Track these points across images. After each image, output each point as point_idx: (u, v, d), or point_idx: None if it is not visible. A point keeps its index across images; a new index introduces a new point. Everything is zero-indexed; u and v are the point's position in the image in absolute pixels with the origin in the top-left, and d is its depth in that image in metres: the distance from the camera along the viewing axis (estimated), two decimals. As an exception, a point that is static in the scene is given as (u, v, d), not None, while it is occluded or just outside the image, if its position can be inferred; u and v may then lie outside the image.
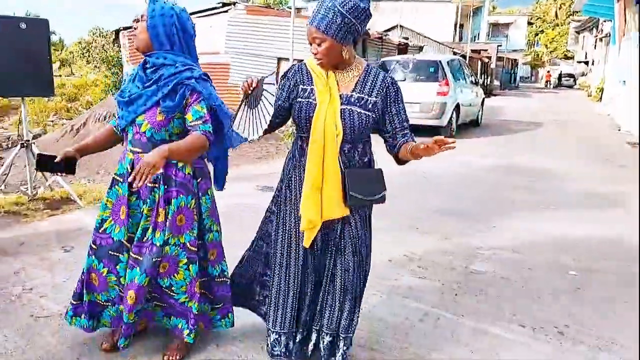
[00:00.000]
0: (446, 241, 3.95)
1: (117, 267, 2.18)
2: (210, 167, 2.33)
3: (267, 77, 1.96)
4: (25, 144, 4.67)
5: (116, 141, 2.32)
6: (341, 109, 1.96)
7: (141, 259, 2.11)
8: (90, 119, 8.10)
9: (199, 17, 11.40)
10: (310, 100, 2.00)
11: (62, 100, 11.21)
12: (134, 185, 1.82)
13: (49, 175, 4.82)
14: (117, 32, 12.65)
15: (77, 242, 3.67)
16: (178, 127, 2.07)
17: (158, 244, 2.08)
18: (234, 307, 2.39)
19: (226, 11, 10.88)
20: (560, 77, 42.11)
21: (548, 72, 45.05)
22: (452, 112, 9.68)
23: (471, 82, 11.43)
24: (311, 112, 1.98)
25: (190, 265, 2.17)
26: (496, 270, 3.39)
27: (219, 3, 10.99)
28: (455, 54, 22.64)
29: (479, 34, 32.73)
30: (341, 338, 2.15)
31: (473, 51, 26.82)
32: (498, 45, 30.07)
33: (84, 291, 2.25)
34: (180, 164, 2.10)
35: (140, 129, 2.06)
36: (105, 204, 2.19)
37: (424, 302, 2.89)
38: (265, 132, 2.01)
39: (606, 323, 2.73)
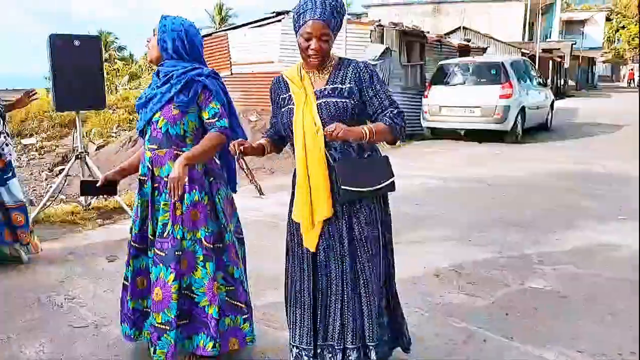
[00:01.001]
0: (501, 254, 3.70)
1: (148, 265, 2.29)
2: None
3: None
4: (80, 156, 4.92)
5: None
6: (317, 104, 1.94)
7: (164, 254, 2.17)
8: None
9: (252, 27, 11.61)
10: (290, 106, 2.00)
11: (125, 112, 11.88)
12: (173, 199, 2.05)
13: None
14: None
15: (121, 253, 3.79)
16: (193, 121, 2.19)
17: (178, 237, 2.17)
18: None
19: (279, 20, 11.01)
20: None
21: (631, 70, 41.93)
22: (517, 116, 9.18)
23: (538, 83, 10.82)
24: (292, 117, 1.97)
25: (207, 263, 2.20)
26: (554, 288, 3.12)
27: (272, 13, 11.15)
28: (524, 54, 21.63)
29: (550, 33, 31.02)
30: (371, 348, 2.02)
31: (544, 50, 25.50)
32: (572, 44, 28.30)
33: (128, 298, 2.33)
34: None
35: (157, 125, 2.19)
36: (140, 205, 2.31)
37: (471, 322, 2.70)
38: (281, 149, 2.18)
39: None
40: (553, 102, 11.66)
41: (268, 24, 11.26)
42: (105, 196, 2.45)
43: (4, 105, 3.61)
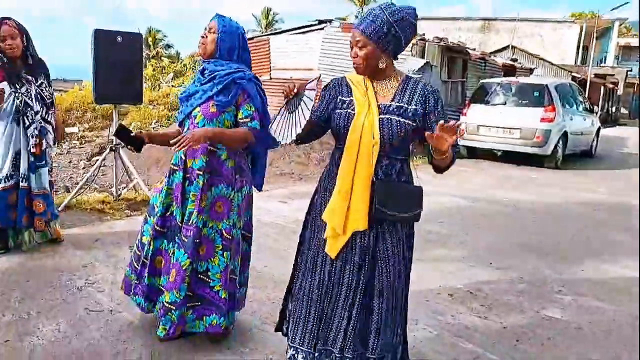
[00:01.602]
0: (521, 280, 3.60)
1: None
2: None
3: (309, 82, 2.00)
4: (114, 148, 5.09)
5: None
6: (380, 118, 1.93)
7: (186, 240, 2.32)
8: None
9: (295, 34, 11.76)
10: (349, 110, 2.00)
11: (165, 109, 12.20)
12: (174, 148, 2.16)
13: (133, 177, 5.23)
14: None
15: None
16: (229, 120, 2.32)
17: (200, 226, 2.33)
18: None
19: (322, 29, 11.11)
20: None
21: None
22: (559, 141, 8.92)
23: (584, 109, 10.47)
24: (349, 122, 1.98)
25: (225, 252, 2.37)
26: (571, 319, 3.01)
27: (315, 20, 11.27)
28: (574, 78, 21.05)
29: (605, 57, 30.05)
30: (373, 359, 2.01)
31: (597, 75, 24.74)
32: (627, 70, 27.29)
33: (145, 274, 2.47)
34: (224, 157, 2.34)
35: (195, 120, 2.32)
36: (167, 191, 2.44)
37: (478, 345, 2.64)
38: (301, 141, 2.10)
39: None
40: (599, 129, 11.27)
41: (310, 31, 11.40)
42: (131, 148, 2.56)
43: (52, 94, 3.74)
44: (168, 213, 2.43)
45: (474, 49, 14.14)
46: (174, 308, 2.35)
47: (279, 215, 5.02)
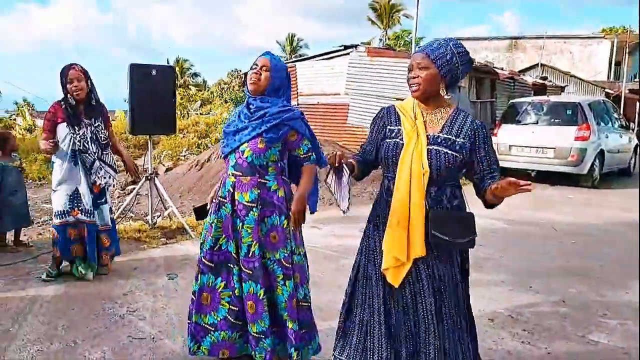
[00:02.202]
0: (564, 304, 3.51)
1: (233, 278, 2.44)
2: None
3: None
4: (149, 177, 5.24)
5: None
6: (428, 149, 1.97)
7: (252, 272, 2.38)
8: (214, 154, 8.84)
9: (321, 60, 11.94)
10: (397, 140, 2.04)
11: (194, 136, 12.48)
12: (295, 230, 2.40)
13: (168, 205, 5.36)
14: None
15: (181, 271, 3.99)
16: (274, 154, 2.38)
17: (259, 256, 2.38)
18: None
19: (348, 53, 11.26)
20: None
21: None
22: (595, 159, 8.72)
23: (620, 126, 10.23)
24: (398, 152, 2.01)
25: (287, 281, 2.40)
26: (618, 344, 2.91)
27: (341, 46, 11.44)
28: (608, 94, 20.61)
29: (639, 72, 29.34)
30: None
31: (632, 91, 24.12)
32: (663, 85, 26.55)
33: (193, 312, 2.51)
34: (274, 187, 2.40)
35: (243, 155, 2.38)
36: (216, 225, 2.47)
37: (522, 372, 2.59)
38: (361, 177, 2.21)
39: None
40: (637, 146, 10.95)
41: (336, 56, 11.57)
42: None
43: (107, 137, 3.92)
44: (217, 247, 2.46)
45: (502, 69, 14.07)
46: (264, 337, 2.39)
47: (311, 240, 5.03)
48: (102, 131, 3.83)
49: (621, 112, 20.18)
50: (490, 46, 28.21)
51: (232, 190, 2.41)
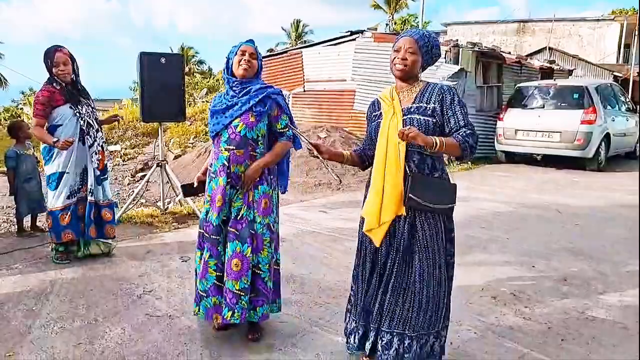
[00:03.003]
0: (565, 282, 3.61)
1: (218, 248, 2.62)
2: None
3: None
4: (160, 164, 5.36)
5: None
6: (403, 120, 2.20)
7: (239, 232, 2.56)
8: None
9: (326, 46, 11.91)
10: (379, 120, 2.31)
11: (202, 124, 12.55)
12: (243, 190, 2.56)
13: (179, 191, 5.48)
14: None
15: (193, 254, 4.11)
16: (263, 128, 2.61)
17: (250, 219, 2.59)
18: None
19: (354, 39, 11.23)
20: None
21: None
22: (601, 143, 8.74)
23: (627, 109, 10.21)
24: (379, 129, 2.28)
25: (272, 244, 2.66)
26: (616, 318, 3.02)
27: (347, 31, 11.40)
28: (616, 77, 20.40)
29: (648, 55, 28.96)
30: (409, 336, 2.21)
31: (640, 74, 23.84)
32: (673, 67, 26.23)
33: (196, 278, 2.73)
34: None
35: (236, 129, 2.57)
36: (206, 198, 2.69)
37: (523, 344, 2.70)
38: (370, 164, 2.42)
39: None
40: (644, 129, 10.93)
41: (342, 42, 11.54)
42: (200, 195, 2.92)
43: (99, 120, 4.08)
44: (206, 220, 2.66)
45: (509, 53, 13.98)
46: (244, 294, 2.56)
47: (319, 224, 5.17)
48: (95, 111, 4.00)
49: (630, 95, 20.06)
50: (498, 30, 27.90)
51: (227, 164, 2.58)
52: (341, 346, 2.62)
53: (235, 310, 2.55)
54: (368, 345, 2.33)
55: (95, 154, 3.90)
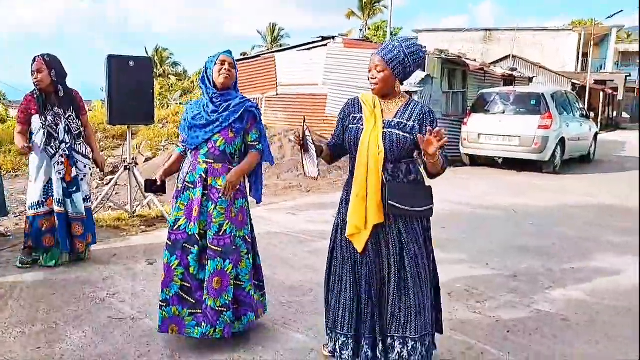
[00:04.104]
0: (515, 279, 3.82)
1: (188, 257, 2.64)
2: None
3: (306, 129, 2.42)
4: (128, 167, 5.37)
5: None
6: (383, 132, 2.29)
7: (221, 249, 2.59)
8: (175, 147, 8.92)
9: (300, 50, 12.08)
10: (359, 125, 2.37)
11: (174, 127, 12.45)
12: (225, 197, 2.61)
13: (146, 195, 5.49)
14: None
15: (160, 256, 4.12)
16: (240, 142, 2.71)
17: (234, 234, 2.66)
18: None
19: (325, 45, 11.43)
20: None
21: None
22: (556, 147, 9.15)
23: (581, 115, 10.70)
24: (359, 135, 2.34)
25: (249, 255, 2.74)
26: (559, 311, 3.22)
27: (319, 37, 11.60)
28: (574, 85, 21.26)
29: (605, 64, 30.25)
30: (412, 339, 2.28)
31: (597, 82, 24.91)
32: (626, 76, 27.48)
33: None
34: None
35: (216, 144, 2.64)
36: (179, 207, 2.69)
37: (471, 336, 2.87)
38: (332, 161, 2.56)
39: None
40: (596, 134, 11.47)
41: (314, 47, 11.72)
42: (161, 193, 2.96)
43: (80, 127, 4.00)
44: (175, 227, 2.65)
45: (474, 60, 14.42)
46: (225, 309, 2.61)
47: (287, 226, 5.27)
48: (75, 121, 3.91)
49: (587, 102, 20.92)
50: (466, 37, 28.68)
51: (204, 176, 2.64)
52: (302, 343, 2.73)
53: (217, 327, 2.60)
54: (364, 355, 2.35)
55: (58, 164, 3.81)
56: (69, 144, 3.85)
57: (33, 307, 3.18)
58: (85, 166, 4.03)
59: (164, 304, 2.65)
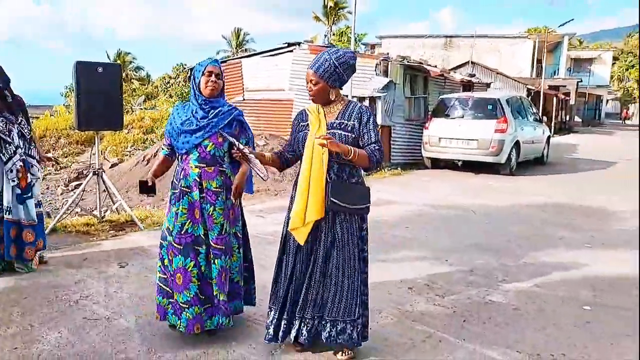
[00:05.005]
0: (471, 273, 4.09)
1: (199, 258, 2.80)
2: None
3: (242, 143, 2.70)
4: (97, 172, 5.39)
5: (169, 167, 3.07)
6: (327, 133, 2.53)
7: (224, 247, 2.79)
8: (160, 149, 8.91)
9: (266, 56, 12.24)
10: (306, 131, 2.63)
11: (139, 132, 12.37)
12: (235, 202, 2.85)
13: (117, 199, 5.53)
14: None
15: (132, 260, 4.22)
16: (227, 147, 2.83)
17: (232, 232, 2.86)
18: None
19: (291, 51, 11.64)
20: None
21: (625, 109, 43.92)
22: (512, 150, 9.62)
23: (535, 119, 11.26)
24: (306, 137, 2.60)
25: (239, 249, 2.93)
26: (511, 302, 3.50)
27: (284, 43, 11.80)
28: (529, 90, 22.17)
29: (558, 70, 31.65)
30: (325, 319, 2.58)
31: (551, 87, 26.01)
32: (578, 81, 28.87)
33: (172, 291, 2.81)
34: (230, 174, 2.86)
35: (206, 149, 2.79)
36: (182, 211, 2.79)
37: (431, 326, 3.10)
38: (287, 166, 2.80)
39: (604, 355, 2.79)
40: (549, 137, 12.08)
41: (280, 53, 11.89)
42: (153, 194, 3.01)
43: (30, 130, 3.99)
44: (183, 231, 2.77)
45: (435, 66, 14.89)
46: (227, 300, 2.82)
47: (257, 228, 5.40)
48: (26, 127, 3.90)
49: (541, 106, 21.84)
50: (428, 43, 29.43)
51: (198, 180, 2.78)
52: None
53: (229, 316, 2.81)
54: (294, 333, 2.63)
55: (11, 171, 3.74)
56: (23, 149, 3.82)
57: (6, 310, 3.21)
58: (38, 170, 4.03)
59: (186, 306, 2.74)
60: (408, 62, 11.54)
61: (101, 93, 5.04)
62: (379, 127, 2.62)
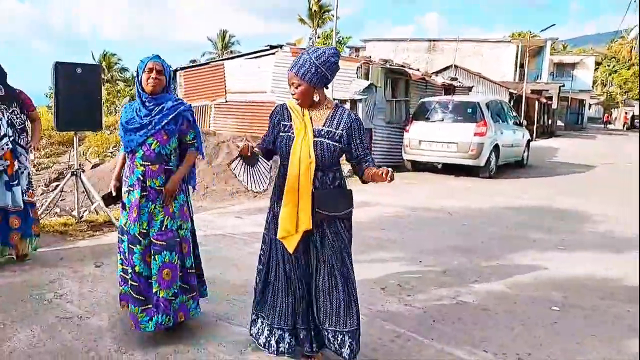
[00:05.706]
0: (444, 274, 4.16)
1: (133, 257, 2.80)
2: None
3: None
4: (75, 173, 5.37)
5: None
6: (314, 141, 2.46)
7: (166, 243, 2.77)
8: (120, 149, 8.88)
9: (248, 59, 12.26)
10: (290, 134, 2.52)
11: (123, 133, 12.28)
12: (167, 205, 2.80)
13: (95, 199, 5.51)
14: (174, 71, 13.80)
15: (108, 260, 4.22)
16: (174, 143, 2.85)
17: (175, 228, 2.83)
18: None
19: (273, 53, 11.69)
20: (632, 118, 40.73)
21: (607, 113, 44.86)
22: (491, 153, 9.76)
23: (515, 123, 11.44)
24: (290, 144, 2.50)
25: (196, 244, 3.01)
26: (481, 303, 3.58)
27: (266, 46, 11.84)
28: (512, 94, 22.46)
29: (541, 74, 32.12)
30: (330, 331, 2.55)
31: (533, 91, 26.40)
32: (560, 86, 29.34)
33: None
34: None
35: (151, 147, 2.77)
36: (126, 211, 2.86)
37: (401, 326, 3.15)
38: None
39: (567, 355, 2.88)
40: (529, 141, 12.27)
41: (262, 56, 11.92)
42: (118, 202, 3.04)
43: (24, 121, 4.11)
44: (125, 229, 2.85)
45: (417, 70, 15.04)
46: (174, 298, 2.81)
47: (234, 229, 5.43)
48: (19, 116, 4.03)
49: (523, 110, 22.16)
50: (412, 47, 29.65)
51: (142, 178, 2.79)
52: (244, 336, 2.90)
53: (170, 315, 2.79)
54: (307, 347, 2.57)
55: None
56: (12, 138, 3.93)
57: (-22, 309, 3.19)
58: (26, 159, 4.11)
59: (174, 298, 2.82)
60: (390, 65, 11.64)
61: (80, 94, 5.04)
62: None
